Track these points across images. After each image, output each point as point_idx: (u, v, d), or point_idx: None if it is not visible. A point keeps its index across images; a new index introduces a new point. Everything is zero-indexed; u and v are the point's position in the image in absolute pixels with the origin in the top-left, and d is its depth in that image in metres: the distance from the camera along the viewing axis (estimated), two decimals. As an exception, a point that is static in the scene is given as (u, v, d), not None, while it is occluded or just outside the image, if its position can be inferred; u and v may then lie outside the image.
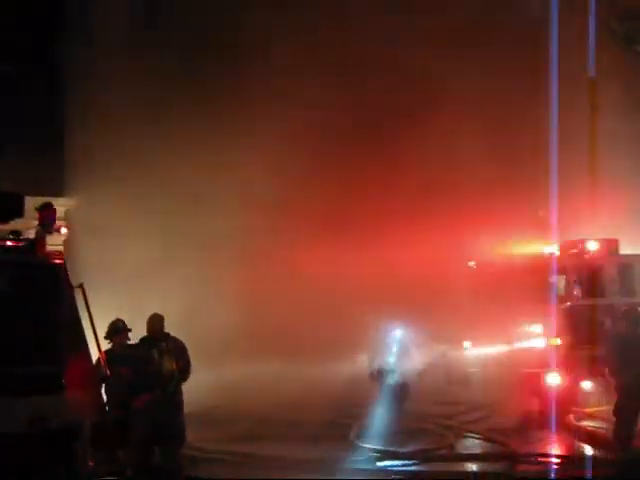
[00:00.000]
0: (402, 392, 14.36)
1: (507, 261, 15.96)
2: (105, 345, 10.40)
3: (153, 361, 10.97)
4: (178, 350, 11.14)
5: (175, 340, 11.22)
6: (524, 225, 16.88)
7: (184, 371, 11.16)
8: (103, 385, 9.37)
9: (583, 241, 15.79)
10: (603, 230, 16.54)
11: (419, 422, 14.40)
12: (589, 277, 15.38)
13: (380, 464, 12.22)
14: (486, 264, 16.26)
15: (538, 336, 15.07)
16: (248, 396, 15.71)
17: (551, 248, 15.81)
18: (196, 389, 11.77)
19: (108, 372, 9.20)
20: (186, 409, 11.32)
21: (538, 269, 15.44)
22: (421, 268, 18.56)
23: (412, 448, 12.80)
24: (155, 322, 11.18)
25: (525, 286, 15.62)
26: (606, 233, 16.27)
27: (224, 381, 16.30)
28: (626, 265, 15.83)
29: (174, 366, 11.02)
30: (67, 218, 8.87)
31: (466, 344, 15.97)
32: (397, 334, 14.61)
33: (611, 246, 15.95)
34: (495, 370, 15.14)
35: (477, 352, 15.68)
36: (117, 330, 11.08)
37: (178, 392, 11.18)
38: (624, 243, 16.14)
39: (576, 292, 15.25)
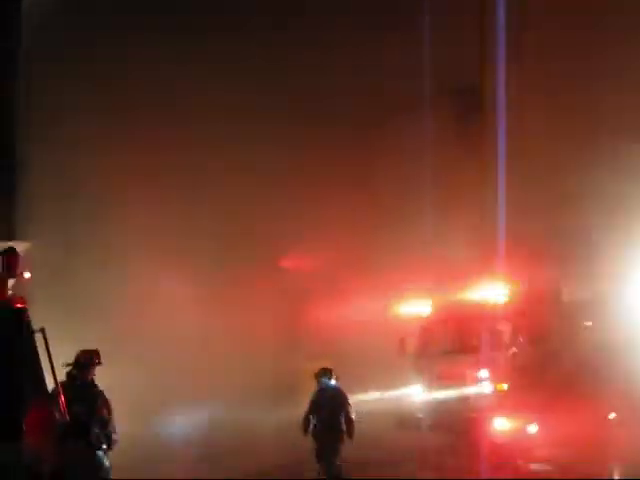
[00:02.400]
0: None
1: (456, 307, 16.30)
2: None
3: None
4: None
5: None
6: (472, 271, 17.31)
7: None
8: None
9: (527, 289, 16.20)
10: (547, 277, 16.96)
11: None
12: (533, 324, 15.77)
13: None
14: (436, 310, 16.57)
15: (486, 381, 15.38)
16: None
17: (497, 295, 16.18)
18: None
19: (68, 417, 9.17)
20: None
21: (484, 316, 15.82)
22: (368, 314, 18.87)
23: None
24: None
25: (473, 332, 16.03)
26: (550, 280, 16.70)
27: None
28: (568, 311, 16.29)
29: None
30: (27, 261, 8.92)
31: (416, 389, 16.20)
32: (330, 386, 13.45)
33: (554, 293, 16.42)
34: (445, 415, 15.40)
35: (427, 397, 15.91)
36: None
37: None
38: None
39: (521, 338, 15.60)
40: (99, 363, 10.79)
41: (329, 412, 12.90)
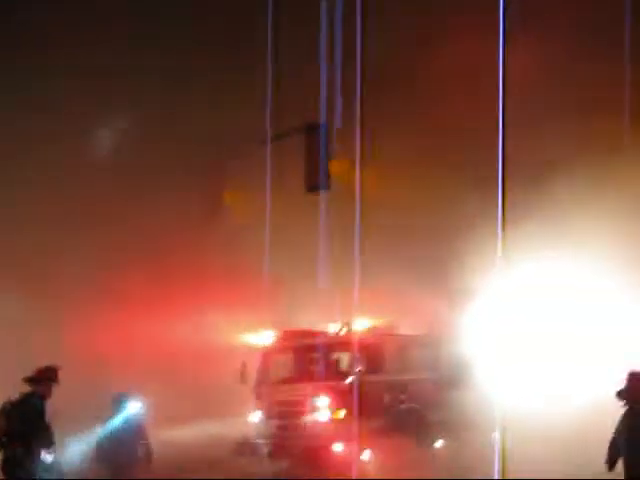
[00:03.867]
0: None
1: (297, 336, 16.84)
2: None
3: None
4: None
5: None
6: (311, 304, 17.96)
7: None
8: None
9: (365, 321, 16.96)
10: (382, 311, 17.79)
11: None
12: (370, 355, 16.52)
13: None
14: (277, 338, 17.03)
15: (324, 409, 15.96)
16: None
17: (336, 327, 16.85)
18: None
19: None
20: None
21: (324, 346, 16.43)
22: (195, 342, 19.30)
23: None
24: None
25: (312, 361, 16.63)
26: (385, 313, 17.55)
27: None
28: (404, 344, 17.17)
29: None
30: None
31: (256, 416, 16.59)
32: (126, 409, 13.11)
33: (390, 326, 17.28)
34: (283, 442, 15.84)
35: (266, 424, 16.32)
36: None
37: None
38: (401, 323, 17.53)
39: (359, 368, 16.29)
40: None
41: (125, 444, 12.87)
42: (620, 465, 9.84)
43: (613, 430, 9.91)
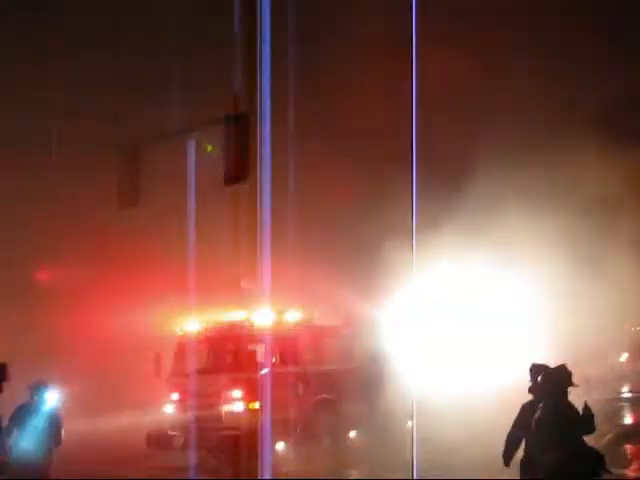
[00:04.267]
0: None
1: (213, 327, 16.77)
2: None
3: None
4: None
5: None
6: (227, 294, 17.90)
7: None
8: None
9: (281, 311, 16.98)
10: (300, 301, 17.84)
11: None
12: (286, 346, 16.57)
13: None
14: (193, 328, 16.92)
15: (238, 401, 15.93)
16: None
17: (251, 317, 16.81)
18: None
19: None
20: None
21: (239, 337, 16.39)
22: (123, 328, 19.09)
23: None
24: None
25: (228, 352, 16.59)
26: (300, 304, 17.60)
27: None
28: (319, 335, 17.27)
29: None
30: None
31: (170, 407, 16.45)
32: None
33: (307, 317, 17.34)
34: (197, 432, 15.74)
35: (181, 415, 16.19)
36: None
37: None
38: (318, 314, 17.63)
39: (274, 359, 16.31)
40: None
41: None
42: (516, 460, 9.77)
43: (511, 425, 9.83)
